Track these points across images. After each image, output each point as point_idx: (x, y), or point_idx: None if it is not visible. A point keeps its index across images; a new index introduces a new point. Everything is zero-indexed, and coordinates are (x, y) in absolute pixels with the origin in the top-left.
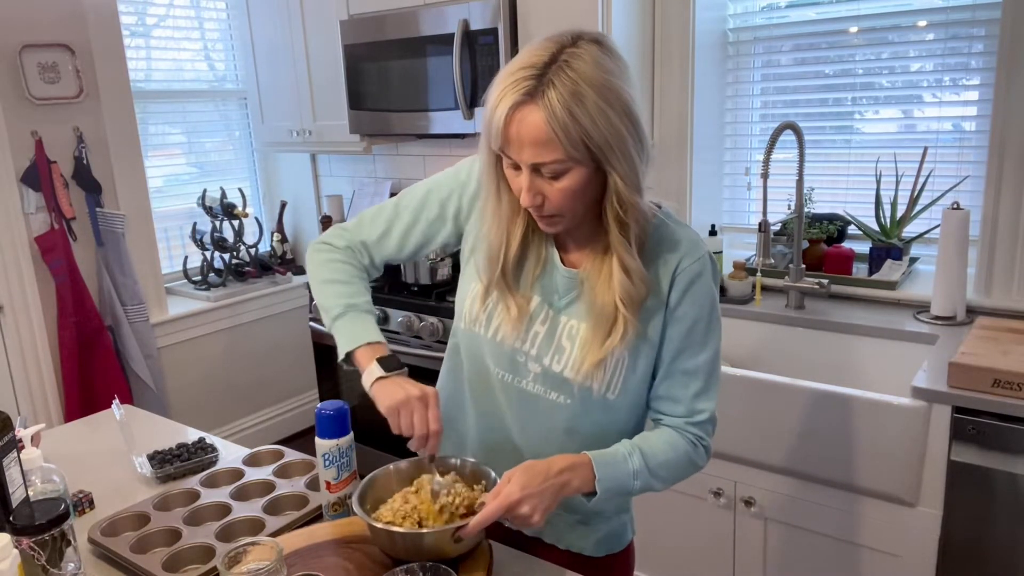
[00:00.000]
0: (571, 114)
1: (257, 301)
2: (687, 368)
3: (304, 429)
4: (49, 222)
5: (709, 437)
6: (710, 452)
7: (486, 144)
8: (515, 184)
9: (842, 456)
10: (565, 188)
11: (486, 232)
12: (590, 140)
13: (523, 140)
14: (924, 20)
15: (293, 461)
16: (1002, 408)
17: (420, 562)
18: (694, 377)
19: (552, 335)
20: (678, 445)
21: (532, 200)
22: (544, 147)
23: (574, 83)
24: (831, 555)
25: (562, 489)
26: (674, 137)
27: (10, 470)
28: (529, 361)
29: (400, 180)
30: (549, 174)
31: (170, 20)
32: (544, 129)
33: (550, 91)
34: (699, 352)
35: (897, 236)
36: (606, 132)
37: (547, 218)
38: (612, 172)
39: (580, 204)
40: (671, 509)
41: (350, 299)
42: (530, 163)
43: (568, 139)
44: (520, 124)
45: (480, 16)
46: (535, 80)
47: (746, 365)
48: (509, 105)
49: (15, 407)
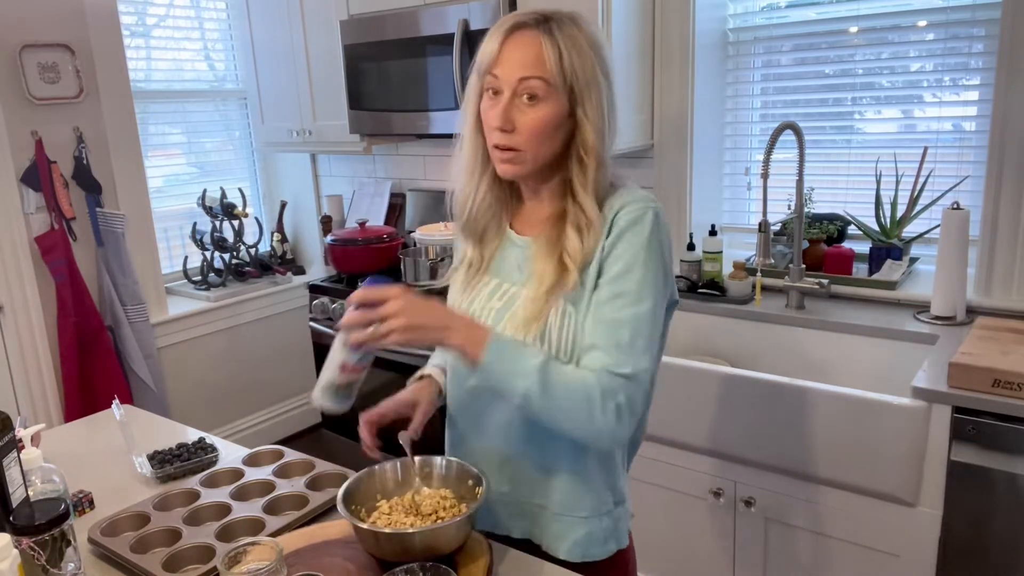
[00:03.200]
0: (566, 48)
1: (257, 301)
2: (616, 318)
3: (304, 429)
4: (49, 222)
5: (626, 399)
6: (622, 418)
7: (474, 79)
8: (491, 116)
9: (842, 456)
10: (538, 118)
11: (458, 185)
12: (575, 78)
13: (514, 56)
14: (924, 20)
15: (293, 461)
16: (1002, 408)
17: (420, 562)
18: (621, 326)
19: (509, 307)
20: (586, 382)
21: (504, 123)
22: (533, 64)
23: (572, 31)
24: (831, 555)
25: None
26: (674, 137)
27: (10, 470)
28: None
29: (400, 180)
30: (527, 93)
31: (170, 20)
32: (538, 49)
33: (552, 26)
34: (631, 304)
35: (897, 236)
36: (590, 78)
37: (510, 153)
38: (584, 116)
39: (546, 144)
40: (671, 509)
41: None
42: (516, 76)
43: (557, 67)
44: (518, 40)
45: (480, 16)
46: (538, 16)
47: (746, 365)
48: (511, 24)
49: (15, 407)
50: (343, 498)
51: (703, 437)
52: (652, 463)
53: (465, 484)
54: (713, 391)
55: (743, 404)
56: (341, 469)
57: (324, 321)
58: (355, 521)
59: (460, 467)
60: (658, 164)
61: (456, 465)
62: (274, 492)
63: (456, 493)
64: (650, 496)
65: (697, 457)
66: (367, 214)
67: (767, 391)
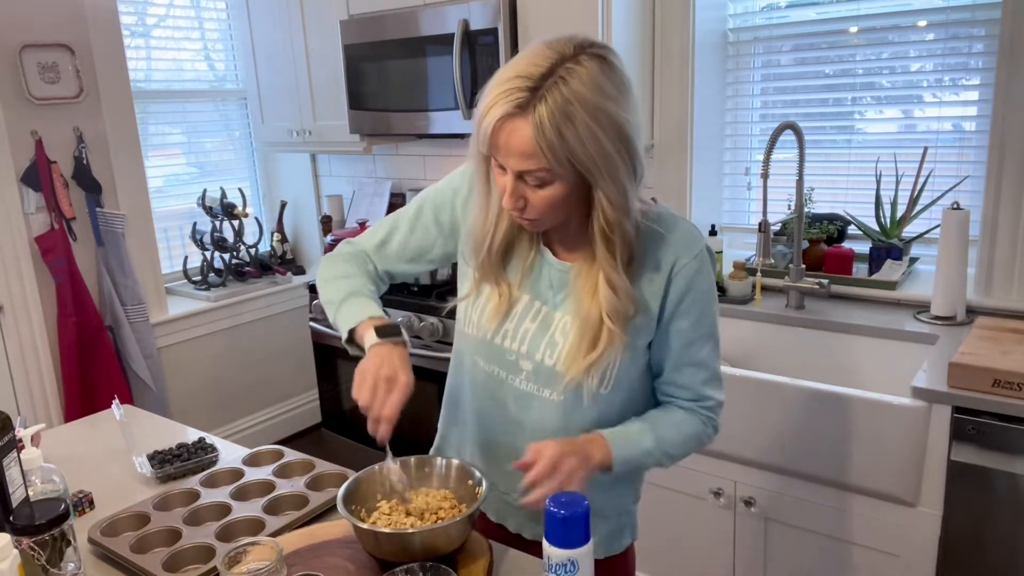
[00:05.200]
0: (559, 133)
1: (257, 301)
2: (696, 359)
3: (304, 429)
4: (49, 222)
5: (718, 418)
6: (719, 431)
7: (475, 143)
8: (500, 182)
9: (842, 456)
10: (547, 197)
11: (472, 221)
12: (576, 160)
13: (510, 149)
14: (924, 20)
15: (293, 461)
16: (1002, 408)
17: (420, 562)
18: (703, 367)
19: (545, 330)
20: (689, 424)
21: (514, 204)
22: (529, 159)
23: (567, 102)
24: (831, 555)
25: (588, 459)
26: (674, 137)
27: (10, 470)
28: (520, 359)
29: (400, 180)
30: (533, 182)
31: (170, 20)
32: (531, 143)
33: (541, 107)
34: (706, 343)
35: (897, 236)
36: (594, 154)
37: (528, 220)
38: (598, 191)
39: (561, 211)
40: (671, 509)
41: (350, 288)
42: (515, 170)
43: (554, 156)
44: (508, 135)
45: (480, 16)
46: (528, 93)
47: (746, 365)
48: (499, 115)
49: (15, 407)
50: (343, 498)
51: None
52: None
53: (465, 485)
54: None
55: (743, 404)
56: (341, 469)
57: (324, 321)
58: (355, 521)
59: (460, 468)
60: (658, 164)
61: (456, 466)
62: (274, 492)
63: (456, 494)
64: (650, 496)
65: (697, 457)
66: (367, 214)
67: (767, 391)
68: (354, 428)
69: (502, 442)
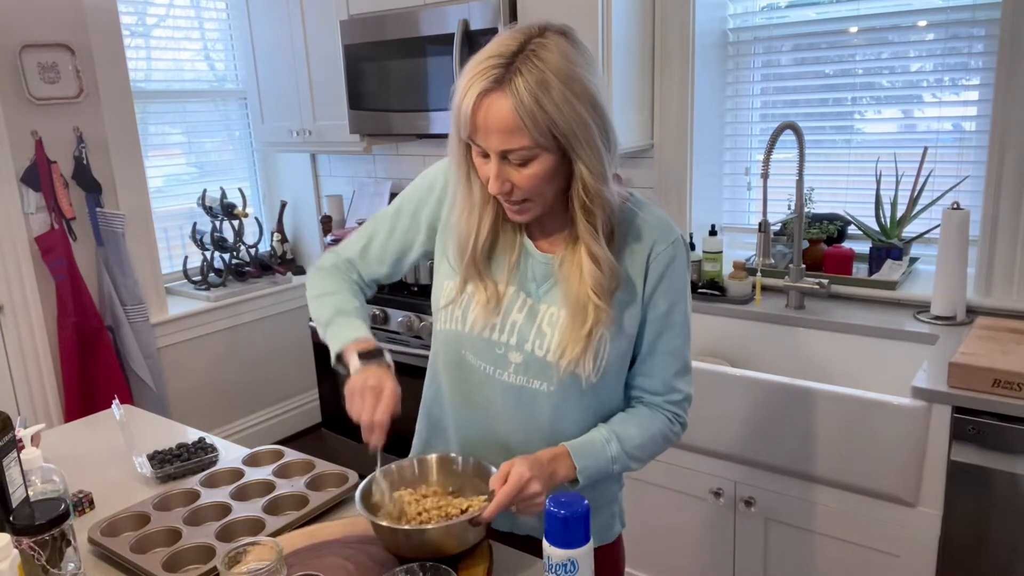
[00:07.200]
0: (537, 102)
1: (257, 301)
2: (667, 349)
3: (304, 429)
4: (49, 222)
5: (685, 414)
6: (686, 427)
7: (455, 133)
8: (483, 172)
9: (842, 456)
10: (532, 174)
11: (456, 220)
12: (556, 128)
13: (490, 127)
14: (924, 20)
15: (293, 461)
16: (1002, 408)
17: (420, 562)
18: (674, 358)
19: (532, 321)
20: (654, 424)
21: (500, 187)
22: (511, 134)
23: (541, 72)
24: (831, 555)
25: (552, 478)
26: (674, 137)
27: (10, 470)
28: (509, 352)
29: (400, 180)
30: (517, 160)
31: (170, 20)
32: (511, 116)
33: (517, 79)
34: (679, 333)
35: (897, 236)
36: (572, 121)
37: (517, 204)
38: (578, 161)
39: (548, 190)
40: (671, 509)
41: (336, 306)
42: (498, 150)
43: (535, 126)
44: (488, 111)
45: (480, 16)
46: (502, 68)
47: (746, 365)
48: (477, 92)
49: (15, 407)
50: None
51: (703, 437)
52: (652, 463)
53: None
54: (713, 391)
55: (743, 404)
56: (341, 469)
57: None
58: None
59: (478, 465)
60: (658, 164)
61: (474, 463)
62: (274, 492)
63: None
64: (650, 496)
65: (697, 457)
66: (367, 214)
67: (767, 391)
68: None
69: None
